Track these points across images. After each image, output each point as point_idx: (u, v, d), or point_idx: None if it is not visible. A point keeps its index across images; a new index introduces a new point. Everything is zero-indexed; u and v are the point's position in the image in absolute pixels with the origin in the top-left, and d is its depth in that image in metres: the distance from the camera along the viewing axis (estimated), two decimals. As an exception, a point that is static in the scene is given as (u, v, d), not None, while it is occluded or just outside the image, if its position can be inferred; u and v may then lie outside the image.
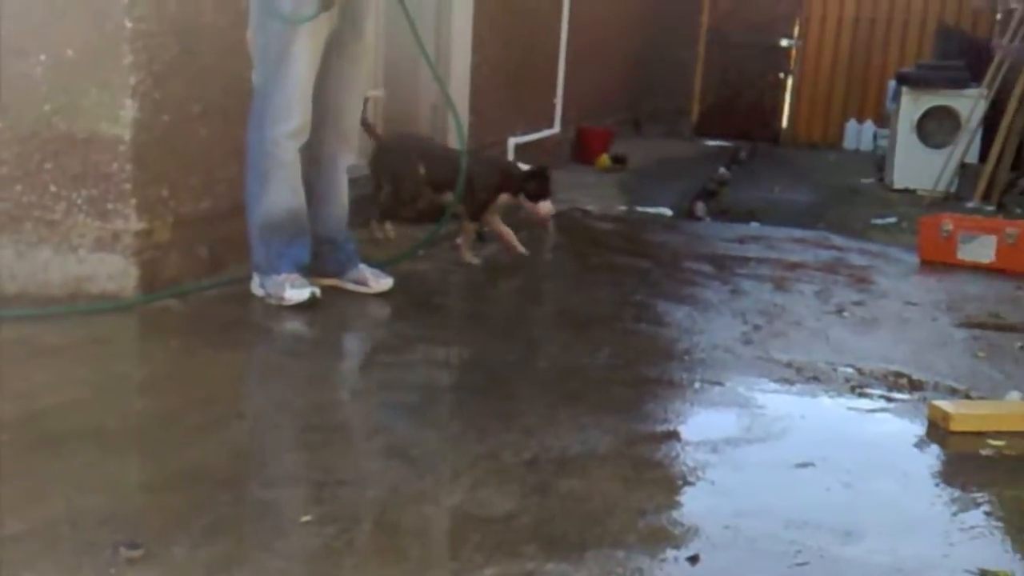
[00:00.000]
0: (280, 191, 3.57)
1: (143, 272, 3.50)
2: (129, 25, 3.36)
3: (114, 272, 3.48)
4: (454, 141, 5.72)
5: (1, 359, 2.92)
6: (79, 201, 3.49)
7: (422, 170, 4.49)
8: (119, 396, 2.74)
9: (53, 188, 3.50)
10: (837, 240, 5.89)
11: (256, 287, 3.66)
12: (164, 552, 1.88)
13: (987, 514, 2.37)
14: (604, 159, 8.37)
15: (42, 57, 3.43)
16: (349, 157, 3.94)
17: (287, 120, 3.52)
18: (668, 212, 6.61)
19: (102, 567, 1.82)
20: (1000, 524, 2.32)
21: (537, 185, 4.42)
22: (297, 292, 3.57)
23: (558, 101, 7.84)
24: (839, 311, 4.16)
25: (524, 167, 4.52)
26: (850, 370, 3.34)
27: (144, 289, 3.50)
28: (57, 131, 3.46)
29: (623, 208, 6.60)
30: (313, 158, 3.70)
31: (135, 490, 2.19)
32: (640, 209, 6.58)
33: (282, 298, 3.57)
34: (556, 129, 7.87)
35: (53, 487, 2.13)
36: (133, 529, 1.95)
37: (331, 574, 1.88)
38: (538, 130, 7.49)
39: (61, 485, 2.14)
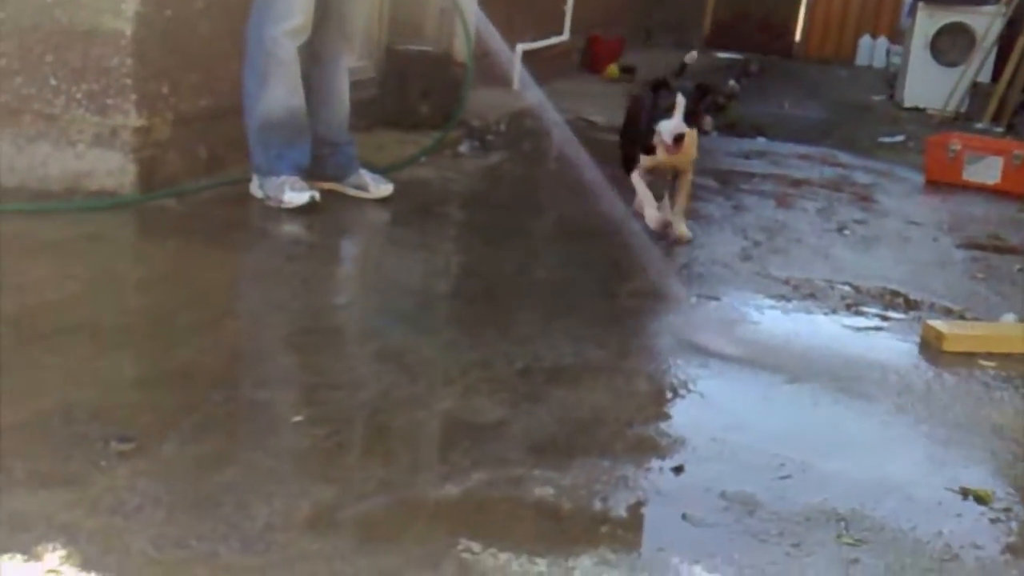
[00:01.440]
0: (279, 90, 3.53)
1: (141, 169, 3.48)
2: (133, -84, 3.29)
3: (112, 168, 3.46)
4: (461, 46, 5.65)
5: (-2, 253, 2.92)
6: (79, 95, 3.45)
7: None
8: (114, 293, 2.75)
9: (53, 81, 3.46)
10: (843, 157, 5.85)
11: (255, 188, 3.65)
12: (155, 447, 1.91)
13: (973, 434, 2.39)
14: (613, 69, 8.25)
15: (42, -53, 3.36)
16: (351, 58, 3.88)
17: (288, 18, 3.47)
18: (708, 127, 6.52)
19: (93, 459, 1.84)
20: (985, 444, 2.34)
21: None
22: (296, 195, 3.55)
23: (568, 8, 7.70)
24: (840, 229, 4.14)
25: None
26: (847, 288, 3.35)
27: (142, 187, 3.48)
28: (59, 24, 3.41)
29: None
30: (314, 58, 3.65)
31: (128, 386, 2.21)
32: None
33: (281, 200, 3.55)
34: (565, 37, 7.74)
35: (47, 380, 2.15)
36: (125, 423, 1.97)
37: (321, 473, 1.91)
38: (547, 37, 7.36)
39: (55, 379, 2.16)
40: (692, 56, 3.95)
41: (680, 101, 3.50)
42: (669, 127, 3.51)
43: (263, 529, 1.70)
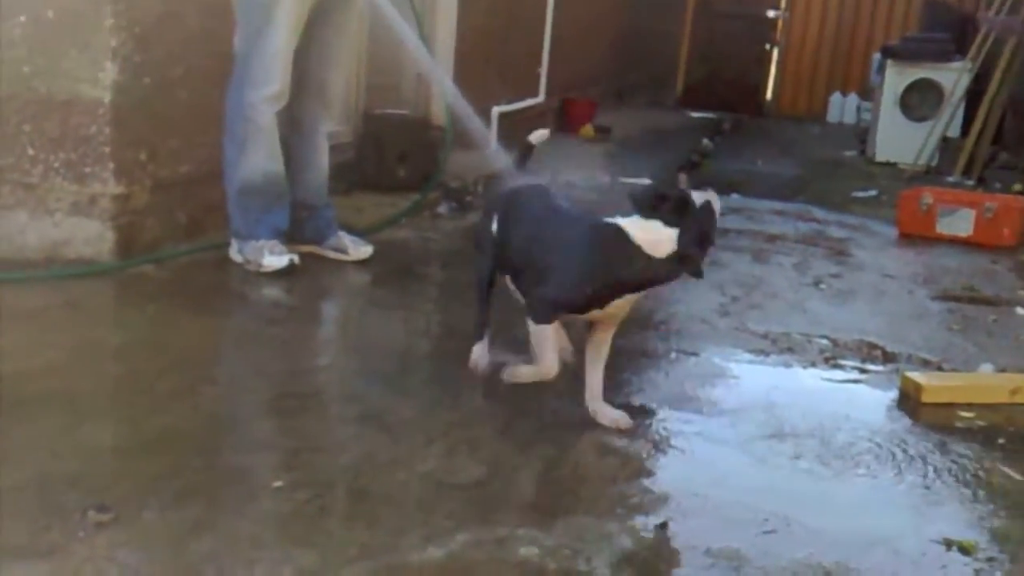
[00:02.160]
0: (258, 156, 3.55)
1: (120, 237, 3.48)
2: (109, -14, 3.32)
3: (91, 236, 3.46)
4: (438, 111, 5.72)
5: (-25, 322, 2.90)
6: (57, 164, 3.46)
7: None
8: (93, 360, 2.73)
9: (31, 151, 3.47)
10: (817, 212, 5.91)
11: (234, 253, 3.65)
12: (134, 516, 1.89)
13: (955, 485, 2.40)
14: (588, 129, 8.35)
15: (22, 18, 3.39)
16: (329, 124, 3.92)
17: (266, 85, 3.50)
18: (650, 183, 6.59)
19: (71, 530, 1.82)
20: (968, 495, 2.35)
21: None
22: (276, 259, 3.56)
23: (543, 71, 7.80)
24: (816, 283, 4.18)
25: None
26: (825, 341, 3.37)
27: (121, 254, 3.48)
28: (36, 93, 3.43)
29: (606, 180, 6.58)
30: (294, 123, 3.68)
31: (106, 454, 2.19)
32: (623, 180, 6.57)
33: (260, 264, 3.56)
34: (540, 99, 7.83)
35: (23, 450, 2.13)
36: (103, 493, 1.95)
37: (302, 539, 1.89)
38: (522, 99, 7.45)
39: (32, 448, 2.14)
40: (541, 135, 2.84)
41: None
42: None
43: (245, 597, 1.68)
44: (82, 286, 3.27)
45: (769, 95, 13.29)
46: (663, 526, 2.06)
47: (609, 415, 2.53)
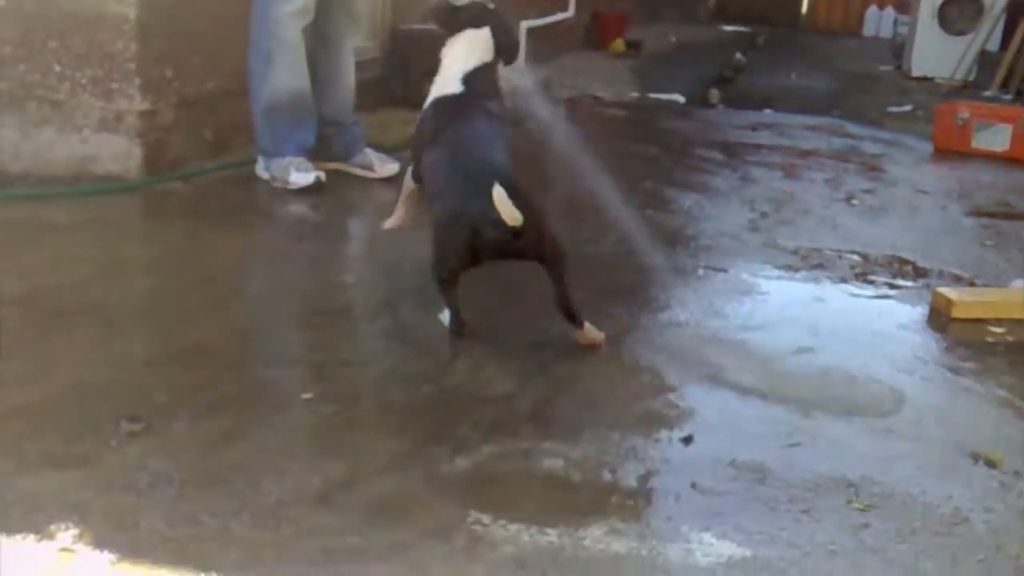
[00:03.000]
0: (284, 72, 3.53)
1: (147, 153, 3.49)
2: (131, -100, 3.27)
3: (118, 153, 3.47)
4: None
5: (6, 237, 2.93)
6: (83, 81, 3.46)
7: None
8: (123, 275, 2.76)
9: (57, 67, 3.46)
10: (851, 128, 5.82)
11: (261, 170, 3.65)
12: (165, 426, 1.92)
13: (983, 399, 2.39)
14: (618, 44, 8.22)
15: (44, -67, 3.36)
16: (356, 38, 3.87)
17: (292, -1, 3.46)
18: (681, 99, 6.51)
19: (104, 439, 1.86)
20: (995, 409, 2.34)
21: None
22: (302, 175, 3.56)
23: (572, -17, 7.66)
24: (848, 199, 4.13)
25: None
26: (856, 257, 3.34)
27: (148, 170, 3.49)
28: (62, 10, 3.42)
29: (635, 94, 6.50)
30: (320, 39, 3.64)
31: (138, 366, 2.22)
32: (653, 96, 6.49)
33: (287, 181, 3.56)
34: (570, 13, 7.70)
35: (57, 362, 2.16)
36: (135, 404, 1.99)
37: (331, 450, 1.92)
38: (552, 14, 7.33)
39: (65, 360, 2.18)
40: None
41: None
42: None
43: (274, 505, 1.71)
44: (110, 202, 3.29)
45: (804, 8, 12.99)
46: (688, 439, 2.07)
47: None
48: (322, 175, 3.60)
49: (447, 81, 2.75)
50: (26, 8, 3.42)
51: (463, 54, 2.75)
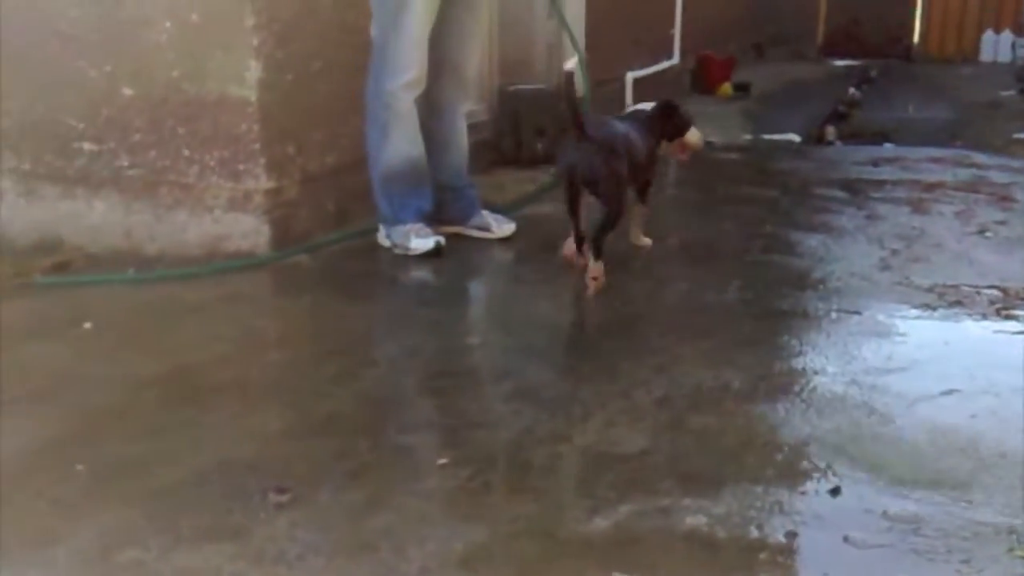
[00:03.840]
0: (400, 142, 3.61)
1: (275, 229, 3.60)
2: (249, -13, 3.41)
3: (247, 230, 3.59)
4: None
5: (145, 319, 3.05)
6: (211, 163, 3.60)
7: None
8: (257, 350, 2.84)
9: (186, 152, 3.61)
10: (977, 157, 5.62)
11: (382, 238, 3.72)
12: (310, 496, 1.96)
13: None
14: (726, 87, 8.16)
15: (167, 24, 3.53)
16: (467, 104, 3.94)
17: (404, 71, 3.54)
18: (796, 138, 6.41)
19: (252, 511, 1.90)
20: None
21: (675, 120, 3.66)
22: (422, 241, 3.62)
23: (676, 31, 7.67)
24: (982, 231, 3.97)
25: (645, 107, 3.71)
26: (995, 292, 3.20)
27: (276, 245, 3.60)
28: (186, 96, 3.57)
29: (748, 137, 6.43)
30: (432, 106, 3.72)
31: (279, 438, 2.27)
32: (766, 137, 6.41)
33: (408, 248, 3.62)
34: (675, 60, 7.70)
35: (203, 438, 2.23)
36: (280, 475, 2.03)
37: (469, 514, 1.92)
38: (656, 62, 7.34)
39: (210, 436, 2.24)
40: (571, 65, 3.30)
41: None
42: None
43: (419, 571, 1.72)
44: (242, 279, 3.40)
45: (916, 38, 12.71)
46: (835, 491, 2.00)
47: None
48: (442, 239, 3.66)
49: None
50: (153, 96, 3.60)
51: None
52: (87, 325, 2.93)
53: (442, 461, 2.13)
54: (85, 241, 3.70)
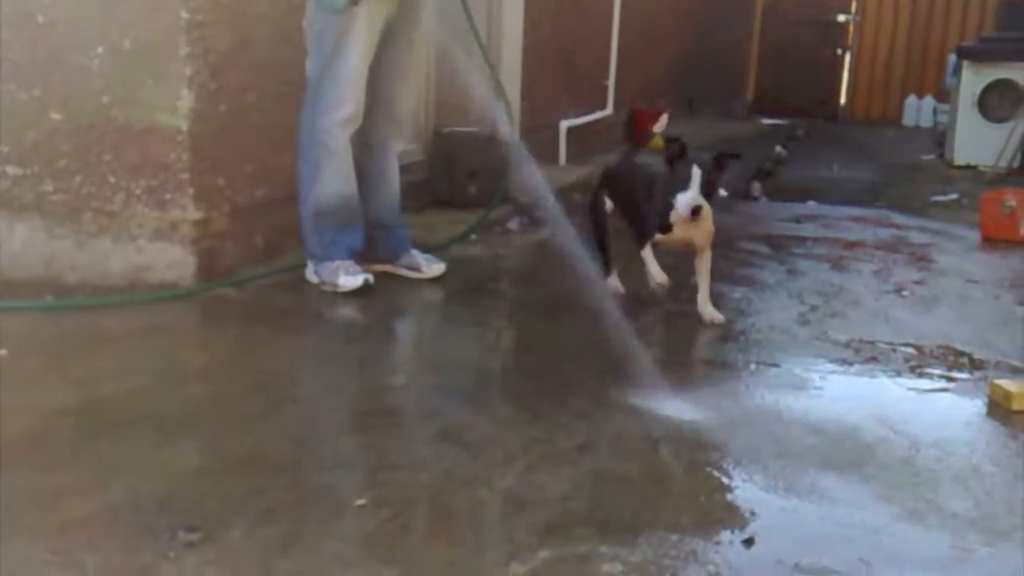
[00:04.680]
0: (332, 178, 3.60)
1: (201, 261, 3.56)
2: (185, 16, 3.40)
3: (172, 261, 3.54)
4: (504, 127, 5.73)
5: (63, 347, 2.98)
6: (138, 191, 3.55)
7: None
8: (178, 383, 2.79)
9: (112, 179, 3.56)
10: (897, 218, 5.80)
11: (310, 274, 3.70)
12: (222, 535, 1.92)
13: (1052, 495, 2.31)
14: (657, 140, 8.30)
15: (99, 50, 3.49)
16: (400, 143, 3.96)
17: (340, 108, 3.54)
18: (723, 192, 6.52)
19: (162, 549, 1.86)
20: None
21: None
22: (351, 279, 3.60)
23: (611, 83, 7.80)
24: (899, 290, 4.09)
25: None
26: (910, 350, 3.29)
27: (202, 277, 3.55)
28: (115, 123, 3.52)
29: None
30: (365, 145, 3.72)
31: (193, 475, 2.23)
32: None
33: (336, 284, 3.60)
34: (608, 111, 7.83)
35: (114, 472, 2.18)
36: (192, 513, 1.99)
37: (386, 556, 1.90)
38: (591, 112, 7.45)
39: (122, 470, 2.19)
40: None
41: (696, 173, 3.25)
42: (685, 200, 3.25)
43: (332, 615, 1.69)
44: (165, 310, 3.35)
45: (843, 100, 13.10)
46: (749, 541, 2.03)
47: (710, 313, 3.50)
48: (370, 277, 3.65)
49: None
50: (80, 122, 3.54)
51: None
52: (2, 352, 2.85)
53: (360, 502, 2.11)
54: (4, 266, 3.61)
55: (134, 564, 1.81)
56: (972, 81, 8.22)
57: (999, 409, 2.81)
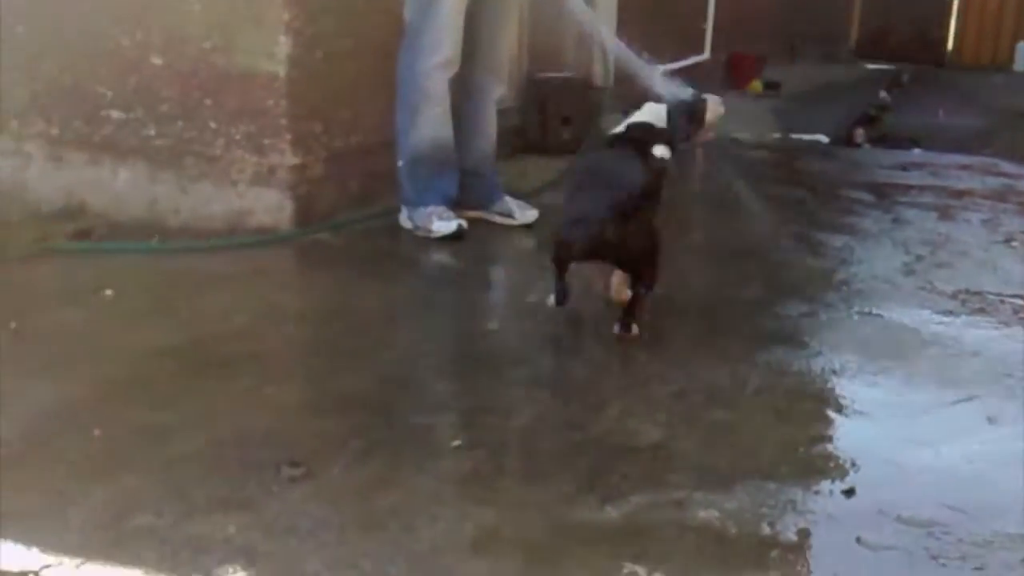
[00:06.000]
0: (429, 124, 3.60)
1: (298, 206, 3.60)
2: (282, -39, 3.41)
3: (271, 206, 3.59)
4: (599, 73, 5.66)
5: (168, 289, 3.06)
6: (237, 136, 3.60)
7: None
8: (278, 325, 2.84)
9: (213, 124, 3.62)
10: (1006, 167, 5.57)
11: (404, 220, 3.72)
12: (323, 471, 1.96)
13: None
14: (756, 84, 8.12)
15: (199, -4, 3.53)
16: (499, 89, 3.93)
17: (438, 52, 3.54)
18: (824, 139, 6.37)
19: (266, 484, 1.90)
20: None
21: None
22: (444, 224, 3.61)
23: (708, 26, 7.63)
24: (1008, 241, 3.94)
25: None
26: (1020, 301, 3.17)
27: (299, 222, 3.60)
28: (216, 68, 3.57)
29: (777, 135, 6.39)
30: (464, 91, 3.71)
31: (295, 413, 2.28)
32: (795, 136, 6.37)
33: (430, 230, 3.62)
34: (706, 55, 7.66)
35: (219, 409, 2.24)
36: (293, 449, 2.03)
37: (481, 497, 1.91)
38: (687, 57, 7.30)
39: (226, 408, 2.25)
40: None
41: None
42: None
43: (429, 551, 1.72)
44: (264, 253, 3.41)
45: (950, 45, 12.60)
46: (850, 492, 1.99)
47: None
48: (464, 223, 3.65)
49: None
50: (181, 67, 3.60)
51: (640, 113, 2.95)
52: (108, 292, 2.94)
53: (456, 443, 2.13)
54: (109, 209, 3.72)
55: (240, 497, 1.86)
56: (1091, 22, 7.82)
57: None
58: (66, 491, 1.87)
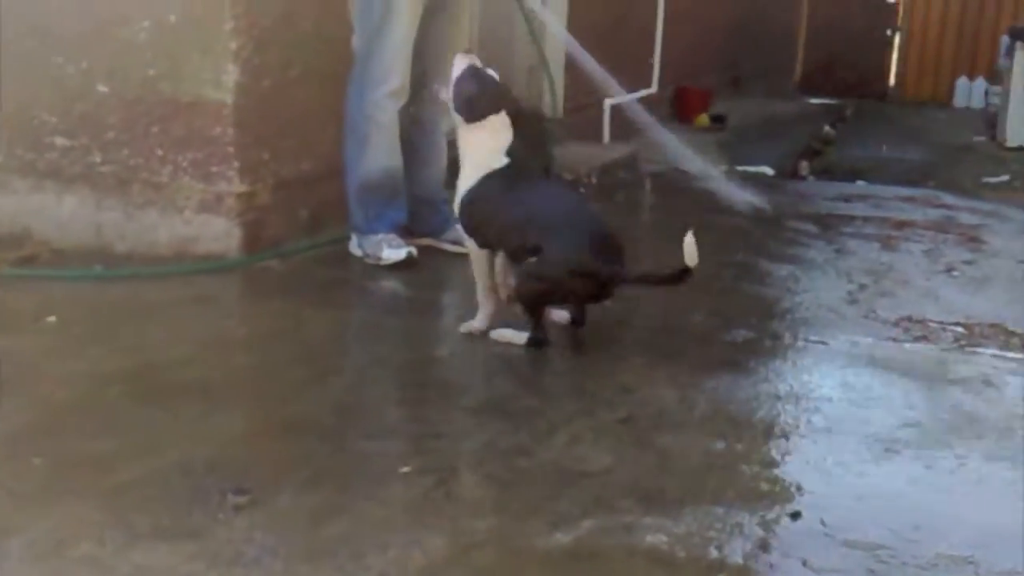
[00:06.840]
0: (379, 152, 3.60)
1: (246, 233, 3.57)
2: (230, -10, 3.40)
3: (218, 233, 3.56)
4: (548, 103, 5.70)
5: (111, 315, 3.02)
6: (184, 164, 3.57)
7: None
8: (224, 352, 2.81)
9: (159, 151, 3.58)
10: (947, 199, 5.69)
11: (354, 247, 3.71)
12: (270, 499, 1.94)
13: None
14: (703, 118, 8.22)
15: (145, 23, 3.50)
16: (448, 120, 3.94)
17: (387, 81, 3.54)
18: (770, 171, 6.47)
19: (211, 512, 1.88)
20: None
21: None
22: (394, 252, 3.61)
23: (656, 60, 7.72)
24: (949, 270, 4.02)
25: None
26: (960, 329, 3.24)
27: (247, 250, 3.57)
28: (162, 96, 3.54)
29: (723, 168, 6.47)
30: (412, 119, 3.72)
31: (241, 440, 2.25)
32: (741, 168, 6.46)
33: (379, 258, 3.61)
34: (653, 88, 7.75)
35: (164, 437, 2.20)
36: (240, 477, 2.01)
37: (430, 523, 1.90)
38: (635, 90, 7.38)
39: (171, 435, 2.22)
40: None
41: None
42: None
43: (377, 579, 1.70)
44: (211, 281, 3.38)
45: (892, 80, 12.89)
46: (796, 515, 2.01)
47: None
48: (414, 251, 3.65)
49: (489, 158, 3.00)
50: (128, 94, 3.56)
51: (492, 136, 3.02)
52: (51, 319, 2.90)
53: (404, 469, 2.12)
54: (53, 235, 3.66)
55: (185, 525, 1.83)
56: (1026, 62, 8.05)
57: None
58: (6, 520, 1.83)
